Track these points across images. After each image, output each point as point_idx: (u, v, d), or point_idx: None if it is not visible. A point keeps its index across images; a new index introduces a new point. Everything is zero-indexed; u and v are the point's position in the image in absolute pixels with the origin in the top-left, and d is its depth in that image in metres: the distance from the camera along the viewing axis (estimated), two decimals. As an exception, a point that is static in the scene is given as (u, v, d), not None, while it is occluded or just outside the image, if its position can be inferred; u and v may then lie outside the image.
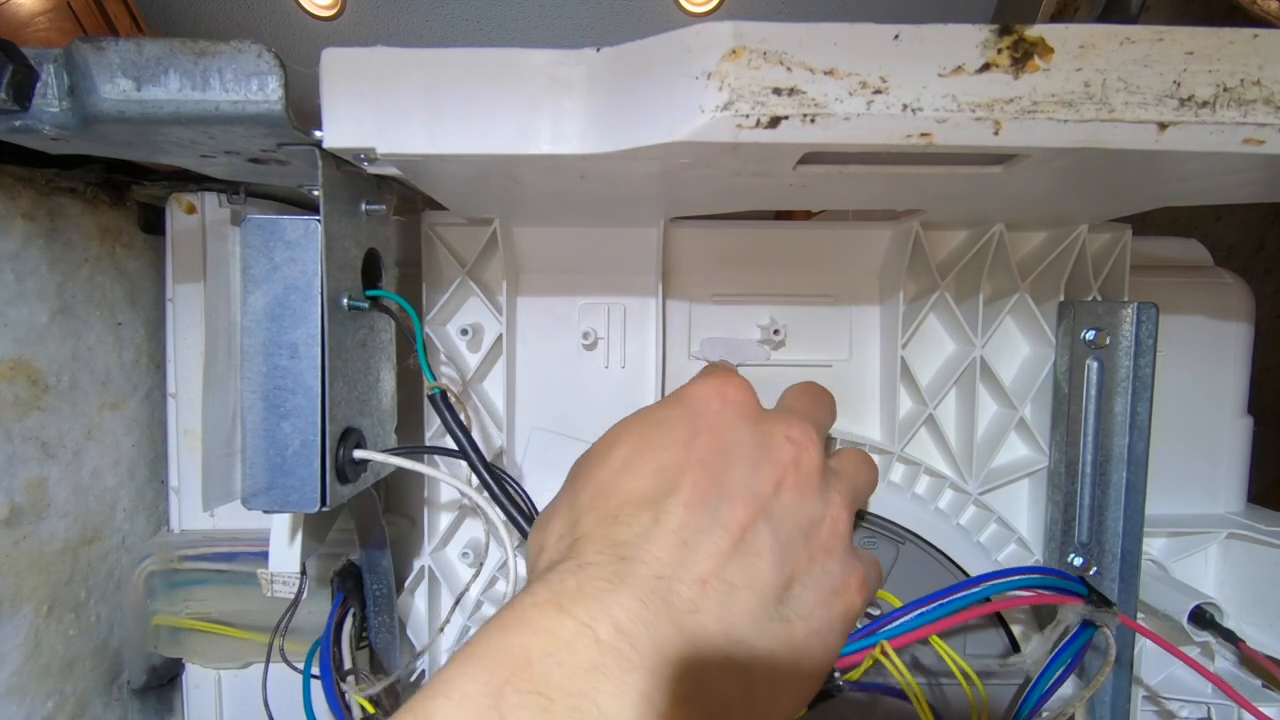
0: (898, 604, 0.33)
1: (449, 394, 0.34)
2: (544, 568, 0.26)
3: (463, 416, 0.34)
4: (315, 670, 0.38)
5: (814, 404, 0.35)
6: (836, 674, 0.30)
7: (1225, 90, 0.24)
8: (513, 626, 0.22)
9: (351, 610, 0.40)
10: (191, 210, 0.43)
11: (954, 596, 0.33)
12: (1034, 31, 0.24)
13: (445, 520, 0.43)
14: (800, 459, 0.29)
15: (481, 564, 0.42)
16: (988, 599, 0.34)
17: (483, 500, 0.34)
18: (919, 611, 0.32)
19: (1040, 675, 0.34)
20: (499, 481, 0.34)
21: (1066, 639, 0.34)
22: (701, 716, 0.22)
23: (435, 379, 0.33)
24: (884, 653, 0.30)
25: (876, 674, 0.33)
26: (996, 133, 0.24)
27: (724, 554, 0.26)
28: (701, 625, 0.24)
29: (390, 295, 0.34)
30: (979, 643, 0.42)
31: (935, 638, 0.31)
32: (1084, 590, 0.34)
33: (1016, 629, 0.41)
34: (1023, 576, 0.34)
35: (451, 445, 0.34)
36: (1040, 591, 0.34)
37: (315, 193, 0.29)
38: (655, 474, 0.28)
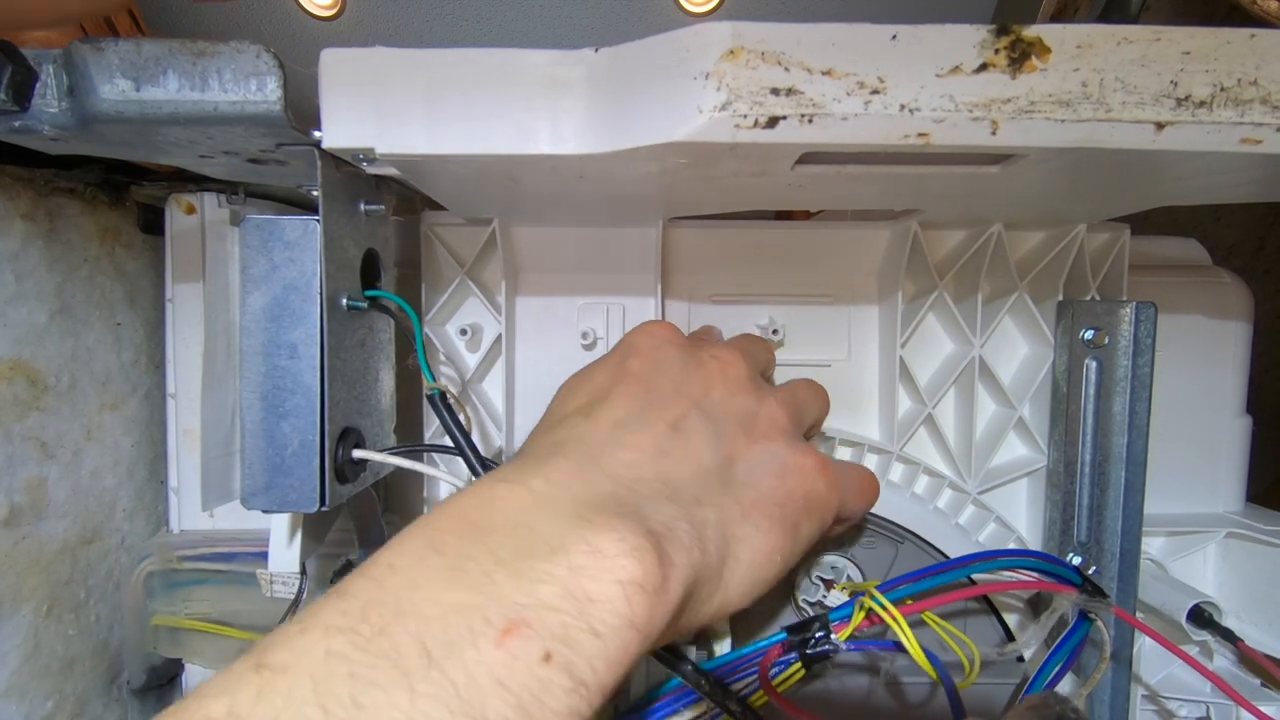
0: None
1: (448, 395, 0.34)
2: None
3: (462, 417, 0.34)
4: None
5: (744, 340, 0.37)
6: (831, 635, 0.30)
7: (1222, 90, 0.24)
8: (449, 499, 0.23)
9: (351, 610, 0.40)
10: (191, 210, 0.43)
11: (946, 570, 0.33)
12: (1031, 32, 0.24)
13: (444, 520, 0.43)
14: (726, 370, 0.31)
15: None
16: (970, 579, 0.34)
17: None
18: (909, 582, 0.32)
19: (1038, 672, 0.34)
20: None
21: (1063, 635, 0.34)
22: (644, 529, 0.22)
23: (434, 379, 0.33)
24: (873, 600, 0.30)
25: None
26: (994, 133, 0.24)
27: (657, 434, 0.27)
28: (635, 474, 0.25)
29: (389, 295, 0.34)
30: (974, 634, 0.42)
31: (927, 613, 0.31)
32: (1077, 578, 0.34)
33: (1012, 621, 0.41)
34: (1016, 558, 0.34)
35: (450, 444, 0.34)
36: (1033, 575, 0.34)
37: (314, 193, 0.29)
38: (589, 392, 0.30)
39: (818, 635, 0.30)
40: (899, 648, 0.30)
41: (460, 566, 0.20)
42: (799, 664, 0.30)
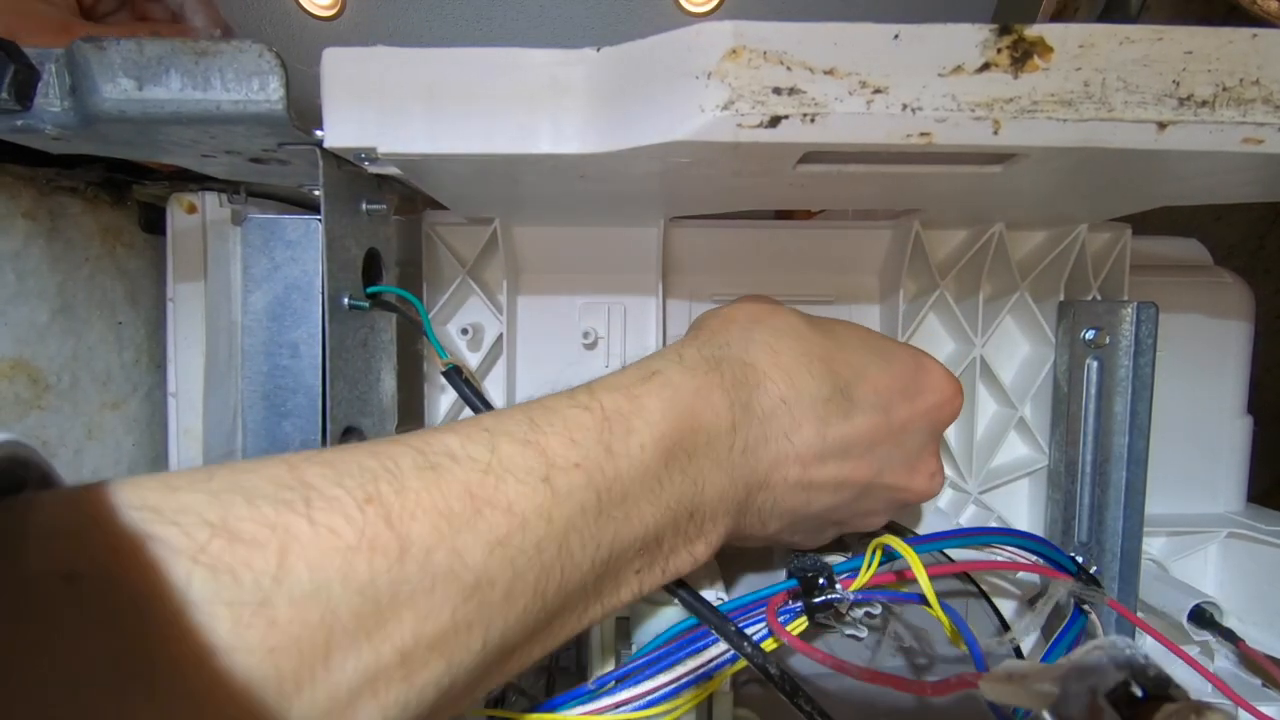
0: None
1: (463, 370, 0.34)
2: (730, 344, 0.30)
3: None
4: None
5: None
6: (836, 585, 0.31)
7: (1224, 90, 0.24)
8: (700, 393, 0.27)
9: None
10: (192, 210, 0.43)
11: (940, 539, 0.33)
12: (1033, 31, 0.24)
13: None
14: (914, 495, 0.33)
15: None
16: (944, 554, 0.34)
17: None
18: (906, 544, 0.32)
19: (1037, 672, 0.34)
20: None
21: (1060, 629, 0.34)
22: (720, 542, 0.29)
23: (446, 355, 0.33)
24: (890, 542, 0.31)
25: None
26: (996, 132, 0.24)
27: (825, 476, 0.30)
28: (770, 486, 0.29)
29: (393, 289, 0.34)
30: (971, 624, 0.42)
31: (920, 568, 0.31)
32: (1071, 566, 0.34)
33: (1006, 610, 0.41)
34: (1012, 536, 0.35)
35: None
36: (1028, 557, 0.34)
37: (316, 192, 0.29)
38: (858, 369, 0.31)
39: (823, 583, 0.31)
40: (912, 598, 0.30)
41: (659, 488, 0.25)
42: (802, 615, 0.31)
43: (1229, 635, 0.40)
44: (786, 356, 0.30)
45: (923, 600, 0.29)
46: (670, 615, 0.31)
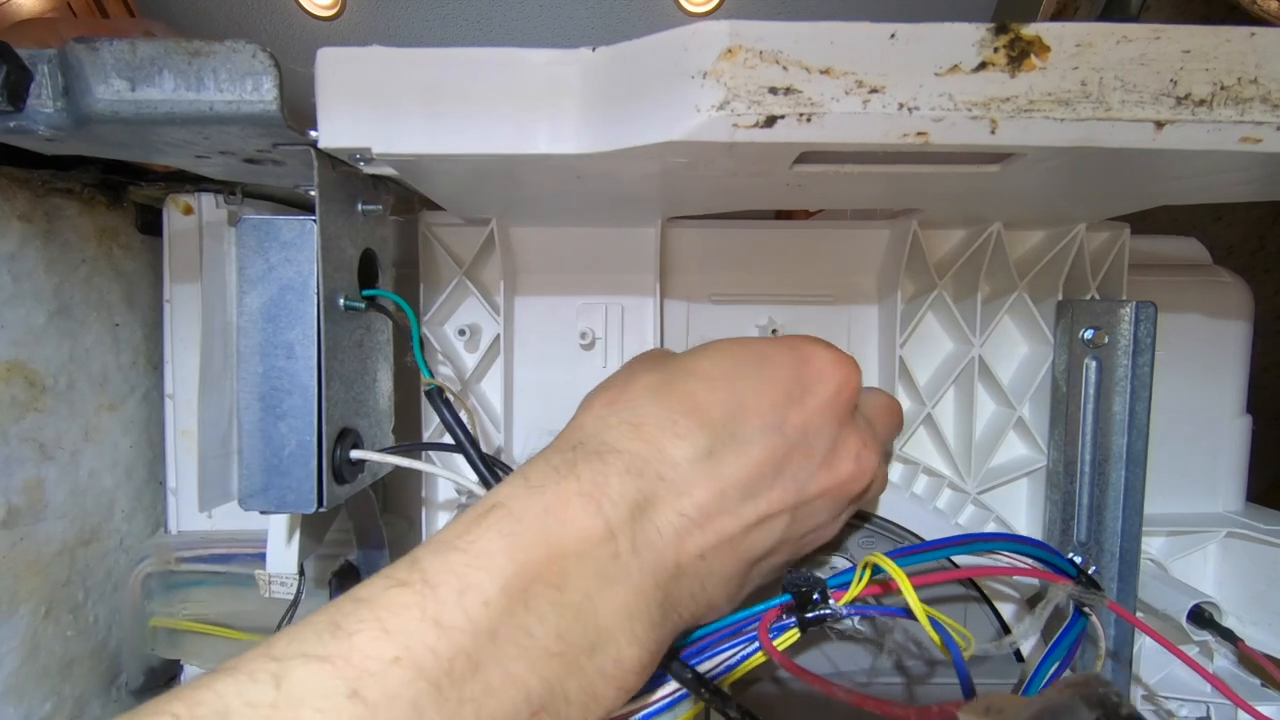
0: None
1: (446, 391, 0.34)
2: (584, 441, 0.27)
3: (463, 414, 0.34)
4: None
5: (889, 424, 0.36)
6: (830, 600, 0.30)
7: (1222, 89, 0.24)
8: (553, 518, 0.24)
9: (349, 611, 0.40)
10: (188, 211, 0.43)
11: (939, 546, 0.33)
12: (1030, 30, 0.24)
13: (443, 520, 0.43)
14: (851, 484, 0.31)
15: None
16: (951, 561, 0.34)
17: (482, 494, 0.34)
18: (899, 555, 0.32)
19: (1035, 670, 0.34)
20: (497, 477, 0.34)
21: (1060, 631, 0.34)
22: (657, 645, 0.26)
23: (431, 375, 0.33)
24: (879, 561, 0.30)
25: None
26: (993, 131, 0.24)
27: (743, 524, 0.27)
28: (691, 568, 0.27)
29: (386, 294, 0.34)
30: (970, 627, 0.42)
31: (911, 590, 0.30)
32: (1071, 569, 0.34)
33: (1007, 613, 0.41)
34: (1011, 542, 0.34)
35: (448, 441, 0.34)
36: (1027, 561, 0.34)
37: (311, 193, 0.29)
38: (733, 407, 0.28)
39: (815, 599, 0.30)
40: (900, 613, 0.30)
41: (533, 634, 0.22)
42: (795, 629, 0.30)
43: (1228, 635, 0.40)
44: (650, 427, 0.27)
45: (912, 615, 0.29)
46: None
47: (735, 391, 0.28)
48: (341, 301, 0.31)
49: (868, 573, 0.30)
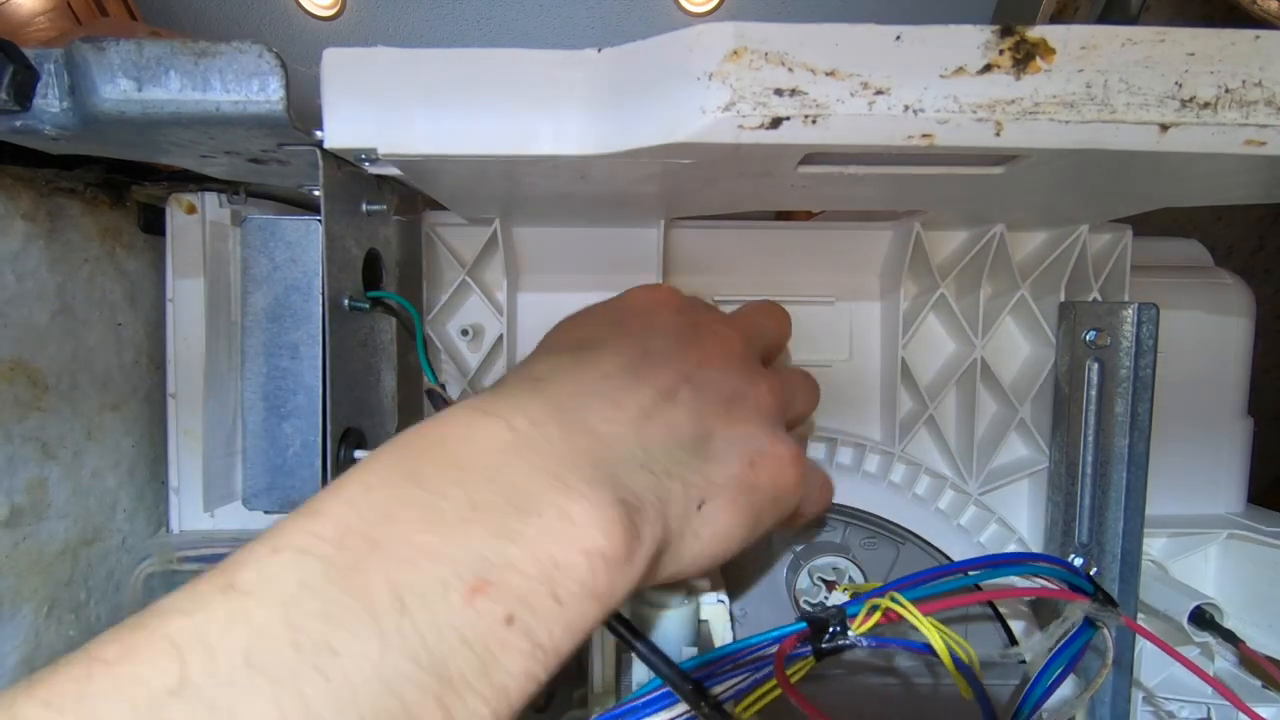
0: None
1: (445, 398, 0.33)
2: None
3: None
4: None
5: (760, 315, 0.36)
6: (849, 630, 0.30)
7: (1227, 91, 0.24)
8: (429, 421, 0.23)
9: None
10: (192, 210, 0.43)
11: (954, 571, 0.33)
12: (1035, 32, 0.24)
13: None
14: (723, 347, 0.30)
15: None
16: (977, 588, 0.34)
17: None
18: (918, 581, 0.32)
19: (1038, 675, 0.34)
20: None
21: (1066, 638, 0.34)
22: (617, 500, 0.22)
23: (436, 378, 0.33)
24: (894, 600, 0.30)
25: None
26: (998, 134, 0.24)
27: (643, 397, 0.26)
28: (614, 432, 0.24)
29: (391, 295, 0.34)
30: (978, 639, 0.42)
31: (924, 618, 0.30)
32: (1089, 587, 0.34)
33: (1017, 629, 0.41)
34: (1030, 564, 0.34)
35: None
36: (1046, 583, 0.34)
37: (316, 193, 0.29)
38: (577, 338, 0.30)
39: (834, 629, 0.30)
40: (919, 646, 0.30)
41: (436, 506, 0.20)
42: (810, 658, 0.30)
43: (1229, 637, 0.40)
44: (514, 374, 0.27)
45: (931, 650, 0.29)
46: (672, 618, 0.31)
47: (574, 330, 0.31)
48: (346, 302, 0.31)
49: (878, 613, 0.30)
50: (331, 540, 0.18)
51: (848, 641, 0.30)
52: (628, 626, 0.29)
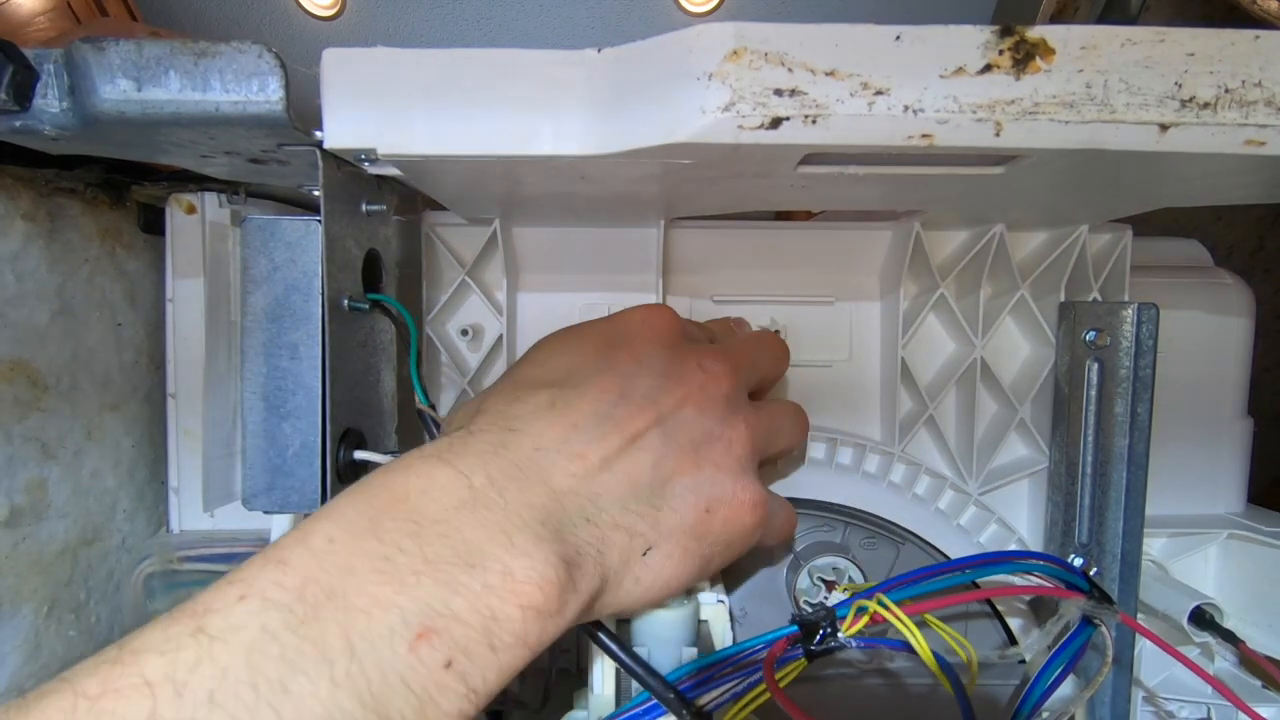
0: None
1: (436, 419, 0.33)
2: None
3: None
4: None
5: (757, 348, 0.36)
6: (839, 631, 0.30)
7: (1227, 92, 0.24)
8: (396, 469, 0.24)
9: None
10: (192, 210, 0.43)
11: (951, 569, 0.33)
12: (1035, 32, 0.24)
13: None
14: (707, 387, 0.30)
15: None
16: (974, 584, 0.34)
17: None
18: (913, 581, 0.32)
19: (1038, 675, 0.34)
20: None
21: (1065, 638, 0.34)
22: (556, 558, 0.23)
23: (426, 397, 0.33)
24: (880, 603, 0.30)
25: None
26: (998, 134, 0.24)
27: (608, 447, 0.27)
28: (570, 487, 0.26)
29: (390, 300, 0.34)
30: (976, 637, 0.42)
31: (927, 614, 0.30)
32: (1084, 584, 0.34)
33: (1015, 625, 0.41)
34: (1025, 561, 0.34)
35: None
36: (1041, 579, 0.34)
37: (315, 193, 0.29)
38: (565, 368, 0.30)
39: (824, 631, 0.30)
40: (906, 646, 0.30)
41: (391, 558, 0.21)
42: (802, 659, 0.30)
43: (1229, 637, 0.40)
44: (493, 406, 0.28)
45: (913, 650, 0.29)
46: (667, 618, 0.31)
47: (563, 357, 0.30)
48: (346, 302, 0.31)
49: (866, 616, 0.30)
50: (293, 590, 0.20)
51: (837, 643, 0.30)
52: (614, 639, 0.29)
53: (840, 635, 0.30)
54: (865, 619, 0.30)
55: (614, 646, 0.29)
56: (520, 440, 0.26)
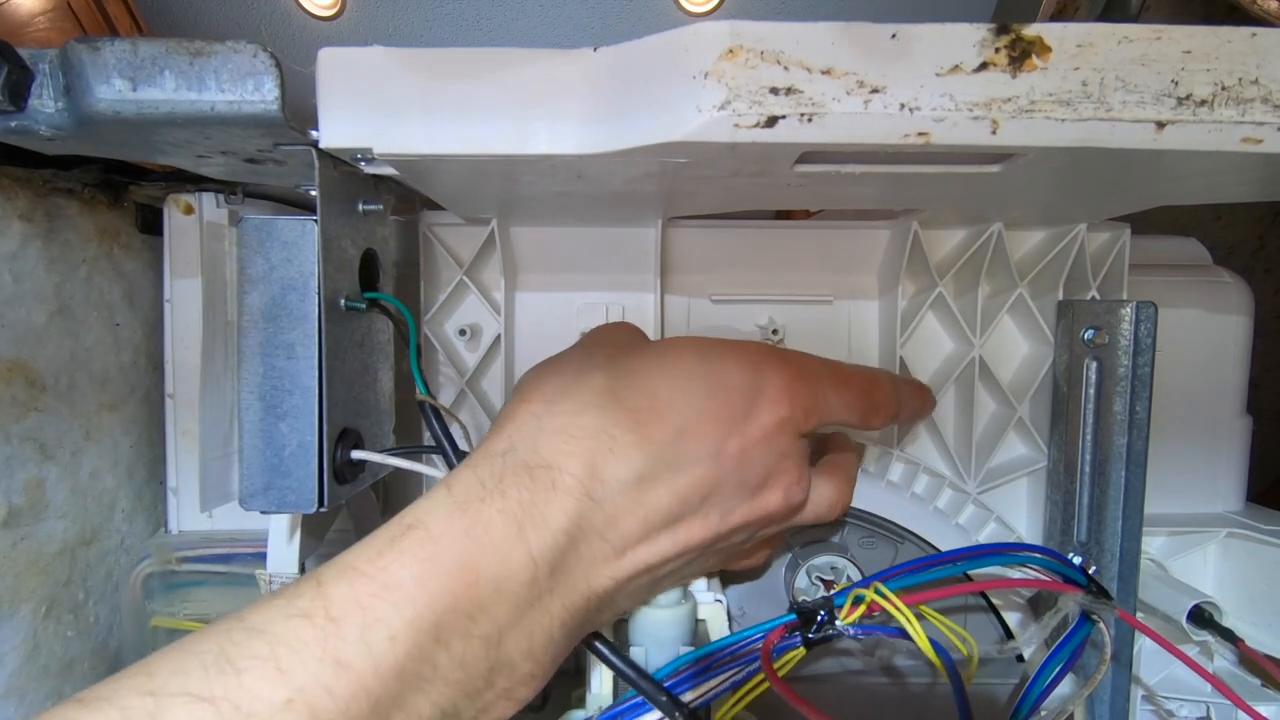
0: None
1: (439, 407, 0.33)
2: (515, 447, 0.26)
3: (455, 428, 0.33)
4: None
5: (840, 391, 0.32)
6: (836, 620, 0.30)
7: (1223, 89, 0.24)
8: (476, 535, 0.24)
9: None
10: (189, 211, 0.43)
11: (949, 560, 0.33)
12: (1031, 30, 0.24)
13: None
14: (777, 517, 0.31)
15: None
16: (967, 576, 0.33)
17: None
18: (910, 571, 0.32)
19: (1038, 673, 0.34)
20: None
21: (1064, 635, 0.34)
22: (551, 662, 0.26)
23: (427, 388, 0.33)
24: (878, 591, 0.30)
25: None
26: (994, 132, 0.24)
27: (656, 557, 0.27)
28: (603, 590, 0.26)
29: (388, 298, 0.34)
30: (974, 633, 0.42)
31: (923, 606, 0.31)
32: (1082, 578, 0.34)
33: (1012, 619, 0.41)
34: (1023, 553, 0.34)
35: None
36: (1039, 573, 0.34)
37: (312, 193, 0.29)
38: (673, 428, 0.27)
39: (822, 618, 0.30)
40: (904, 634, 0.30)
41: (435, 665, 0.22)
42: (800, 648, 0.30)
43: (1228, 635, 0.40)
44: (585, 440, 0.25)
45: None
46: (664, 618, 0.31)
47: (680, 412, 0.27)
48: (343, 302, 0.31)
49: (863, 605, 0.30)
50: (342, 702, 0.20)
51: (835, 631, 0.30)
52: (609, 645, 0.29)
53: (838, 623, 0.30)
54: (863, 608, 0.30)
55: (608, 653, 0.29)
56: (594, 527, 0.25)
